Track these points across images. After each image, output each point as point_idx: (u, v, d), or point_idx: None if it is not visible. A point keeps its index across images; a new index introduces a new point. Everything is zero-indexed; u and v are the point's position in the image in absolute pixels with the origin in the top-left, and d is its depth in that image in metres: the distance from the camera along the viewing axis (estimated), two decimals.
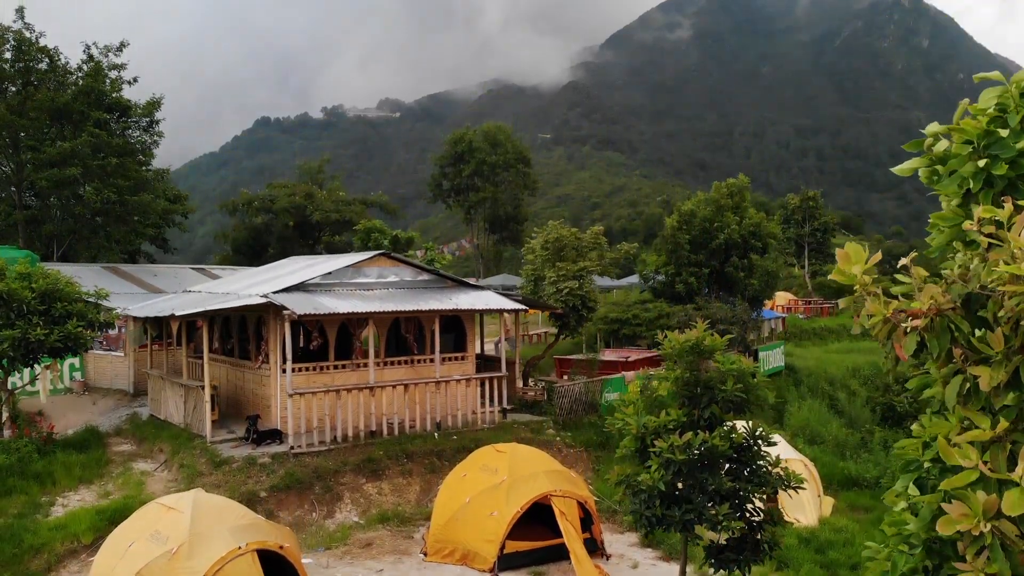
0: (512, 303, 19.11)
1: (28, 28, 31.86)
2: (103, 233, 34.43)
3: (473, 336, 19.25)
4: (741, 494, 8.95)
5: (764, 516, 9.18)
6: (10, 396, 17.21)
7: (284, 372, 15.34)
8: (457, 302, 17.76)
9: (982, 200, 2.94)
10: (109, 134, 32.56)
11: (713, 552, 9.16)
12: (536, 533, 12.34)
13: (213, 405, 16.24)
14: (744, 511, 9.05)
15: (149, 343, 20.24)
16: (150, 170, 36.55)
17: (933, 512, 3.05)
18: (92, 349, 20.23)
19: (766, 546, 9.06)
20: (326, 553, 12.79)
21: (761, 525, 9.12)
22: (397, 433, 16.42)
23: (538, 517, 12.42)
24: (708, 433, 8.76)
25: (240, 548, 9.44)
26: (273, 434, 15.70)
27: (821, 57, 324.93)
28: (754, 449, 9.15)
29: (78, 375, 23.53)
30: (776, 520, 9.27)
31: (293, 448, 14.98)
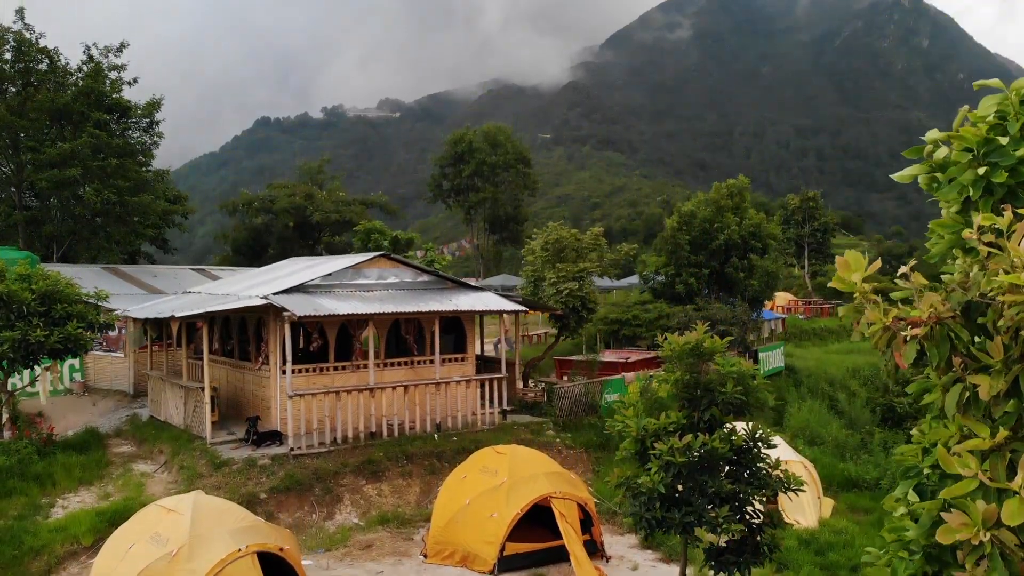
0: (512, 304, 19.10)
1: (28, 29, 31.88)
2: (103, 234, 34.43)
3: (473, 337, 19.25)
4: (741, 496, 8.95)
5: (764, 518, 9.18)
6: (10, 397, 17.21)
7: (284, 373, 15.34)
8: (457, 303, 17.76)
9: (982, 208, 2.94)
10: (109, 135, 32.55)
11: (713, 554, 9.16)
12: (536, 535, 12.34)
13: (213, 406, 16.23)
14: (744, 513, 9.04)
15: (149, 344, 20.24)
16: (150, 171, 36.53)
17: (933, 519, 3.05)
18: (92, 350, 20.22)
19: (766, 548, 9.06)
20: (326, 555, 12.80)
21: (761, 527, 9.12)
22: (397, 434, 16.42)
23: (538, 519, 12.42)
24: (708, 435, 8.76)
25: (240, 550, 9.45)
26: (273, 436, 15.70)
27: (821, 57, 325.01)
28: (754, 451, 9.15)
29: (78, 376, 23.53)
30: (776, 522, 9.26)
31: (293, 450, 14.98)
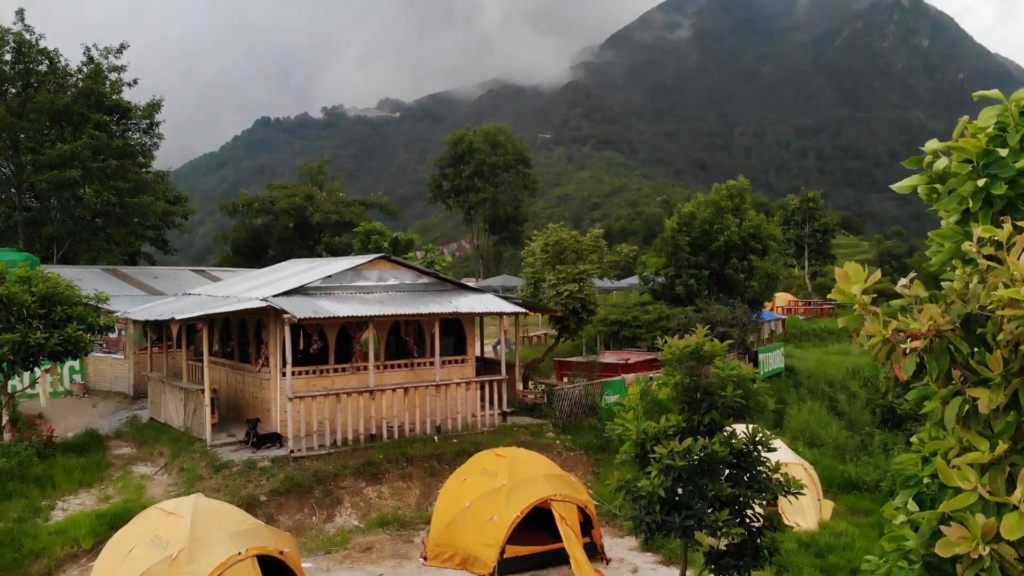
0: (512, 306, 19.10)
1: (28, 30, 31.88)
2: (103, 235, 34.43)
3: (473, 339, 19.25)
4: (741, 500, 8.96)
5: (764, 522, 9.18)
6: (10, 399, 17.22)
7: (284, 375, 15.34)
8: (457, 305, 17.76)
9: (981, 219, 2.94)
10: (109, 136, 32.55)
11: (713, 558, 9.16)
12: (536, 537, 12.34)
13: (213, 408, 16.23)
14: (744, 517, 9.05)
15: (149, 346, 20.25)
16: (150, 172, 36.53)
17: (932, 529, 3.05)
18: (92, 352, 20.22)
19: (766, 552, 9.06)
20: (326, 557, 12.80)
21: (761, 531, 9.12)
22: (397, 436, 16.43)
23: (538, 521, 12.42)
24: (708, 439, 8.76)
25: (240, 553, 9.44)
26: (273, 438, 15.70)
27: (821, 57, 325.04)
28: (754, 455, 9.15)
29: (78, 378, 23.53)
30: (776, 526, 9.27)
31: (293, 452, 14.98)
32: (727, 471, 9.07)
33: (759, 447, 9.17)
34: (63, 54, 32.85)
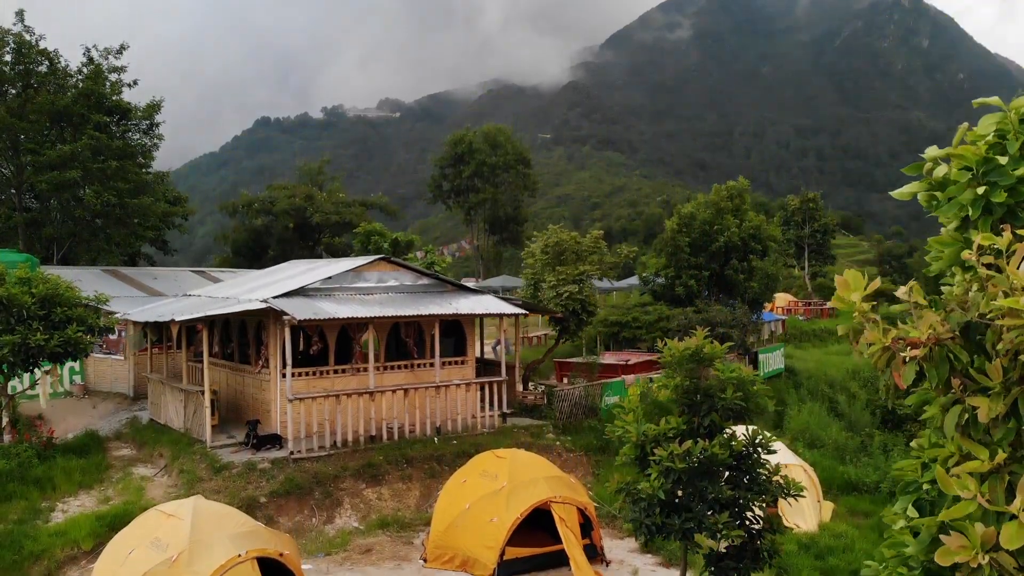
0: (512, 307, 19.11)
1: (28, 31, 31.86)
2: (103, 236, 34.42)
3: (473, 340, 19.25)
4: (741, 502, 8.96)
5: (764, 524, 9.18)
6: (10, 401, 17.22)
7: (284, 377, 15.34)
8: (457, 307, 17.77)
9: (981, 227, 2.94)
10: (109, 137, 32.54)
11: (713, 560, 9.16)
12: (536, 539, 12.34)
13: (213, 410, 16.24)
14: (744, 519, 9.05)
15: (149, 347, 20.25)
16: (150, 173, 36.51)
17: (932, 535, 3.05)
18: (92, 353, 20.22)
19: (766, 554, 9.06)
20: (326, 559, 12.80)
21: (761, 533, 9.12)
22: (397, 438, 16.43)
23: (538, 523, 12.42)
24: (708, 441, 8.76)
25: (240, 556, 9.45)
26: (273, 439, 15.71)
27: (821, 57, 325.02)
28: (754, 457, 9.15)
29: (78, 378, 23.53)
30: (776, 528, 9.27)
31: (293, 453, 14.98)
32: (727, 473, 9.07)
33: (759, 449, 9.17)
34: (63, 55, 32.89)
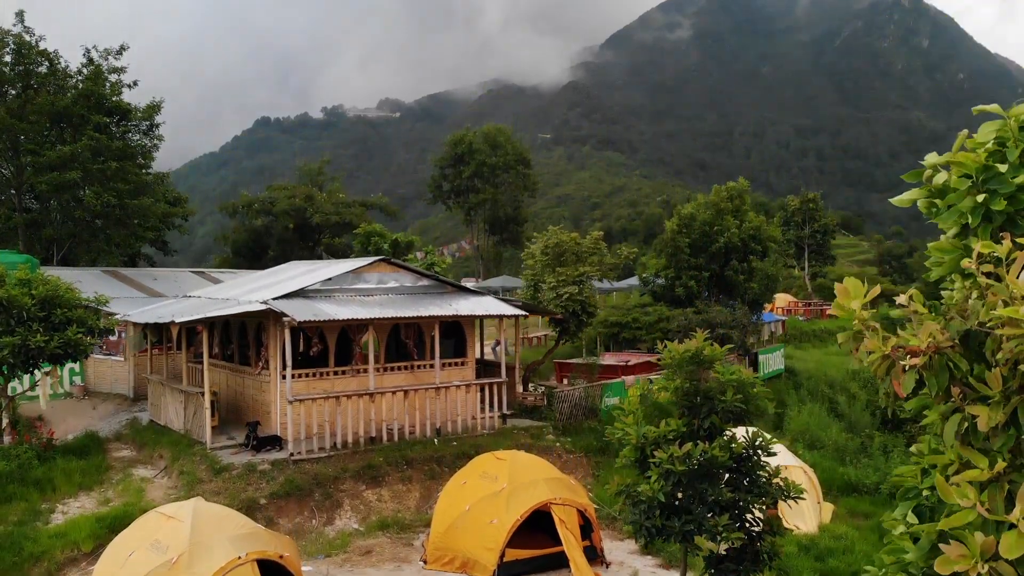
0: (512, 308, 19.11)
1: (28, 32, 31.84)
2: (103, 236, 34.40)
3: (473, 342, 19.25)
4: (741, 504, 8.96)
5: (764, 526, 9.18)
6: (10, 402, 17.22)
7: (284, 378, 15.34)
8: (457, 308, 17.77)
9: (980, 235, 2.94)
10: (109, 138, 32.51)
11: (713, 562, 9.15)
12: (536, 541, 12.34)
13: (213, 411, 16.24)
14: (744, 521, 9.05)
15: (149, 348, 20.25)
16: (150, 173, 36.48)
17: (932, 542, 3.05)
18: (92, 354, 20.22)
19: (766, 556, 9.05)
20: (326, 560, 12.80)
21: (761, 535, 9.12)
22: (397, 439, 16.43)
23: (538, 525, 12.42)
24: (708, 443, 8.76)
25: (240, 558, 9.44)
26: (273, 440, 15.71)
27: (821, 57, 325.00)
28: (754, 459, 9.15)
29: (78, 379, 23.53)
30: (776, 530, 9.27)
31: (293, 454, 14.98)
32: (727, 475, 9.07)
33: (759, 451, 9.17)
34: (63, 56, 32.84)
